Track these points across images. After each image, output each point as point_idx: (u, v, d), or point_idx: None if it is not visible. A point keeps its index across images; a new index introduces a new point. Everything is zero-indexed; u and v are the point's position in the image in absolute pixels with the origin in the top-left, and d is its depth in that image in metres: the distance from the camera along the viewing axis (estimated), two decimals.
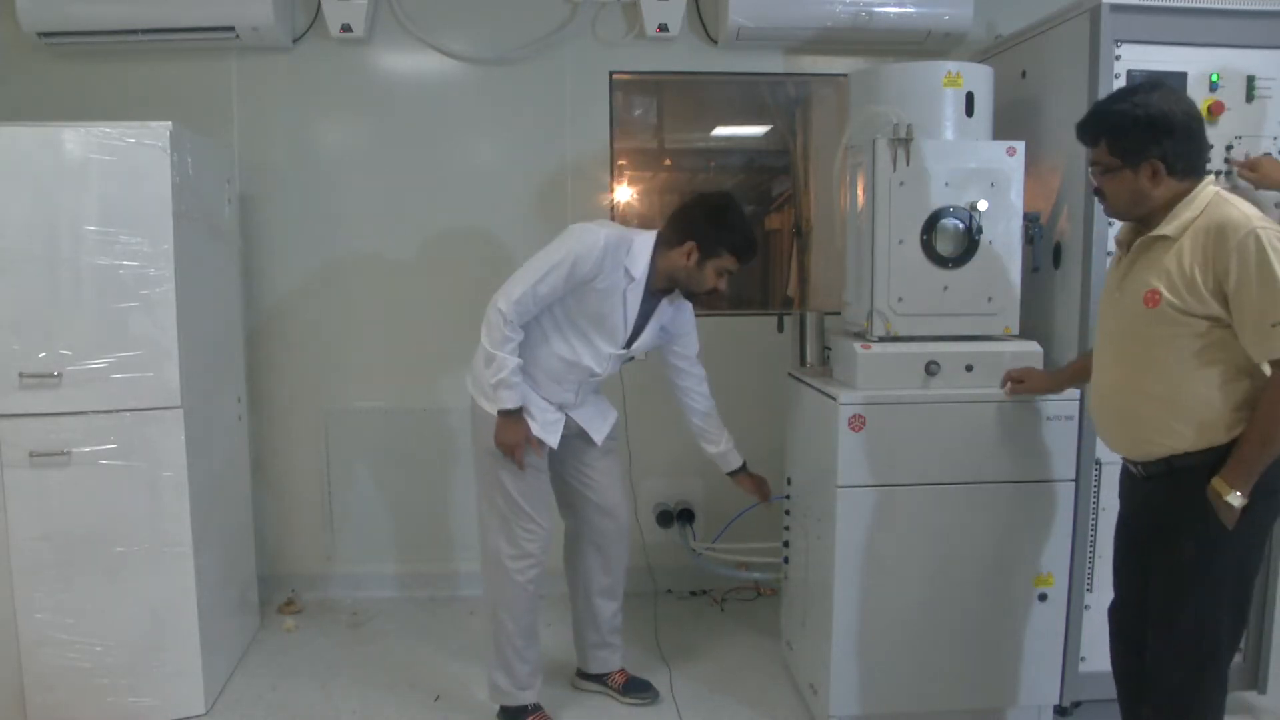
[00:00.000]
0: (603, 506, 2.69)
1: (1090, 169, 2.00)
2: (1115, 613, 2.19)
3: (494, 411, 2.45)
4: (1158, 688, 1.97)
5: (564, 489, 2.72)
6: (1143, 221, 1.94)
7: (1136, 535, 2.05)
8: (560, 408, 2.58)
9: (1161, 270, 1.85)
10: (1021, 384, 2.41)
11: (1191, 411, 1.84)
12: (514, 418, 2.44)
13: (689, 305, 2.66)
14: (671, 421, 2.83)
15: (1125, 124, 1.87)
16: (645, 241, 2.49)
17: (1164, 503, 1.94)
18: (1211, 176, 1.92)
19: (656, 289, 2.54)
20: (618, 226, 2.51)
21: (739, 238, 2.47)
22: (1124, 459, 2.06)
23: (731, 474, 2.82)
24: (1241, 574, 1.89)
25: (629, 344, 2.55)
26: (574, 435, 2.63)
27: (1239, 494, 1.78)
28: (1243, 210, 1.80)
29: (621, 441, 2.85)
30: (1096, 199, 2.02)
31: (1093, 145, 1.95)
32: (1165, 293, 1.84)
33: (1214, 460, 1.83)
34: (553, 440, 2.55)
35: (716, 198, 2.57)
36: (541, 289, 2.39)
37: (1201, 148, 1.90)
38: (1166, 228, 1.86)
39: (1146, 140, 1.85)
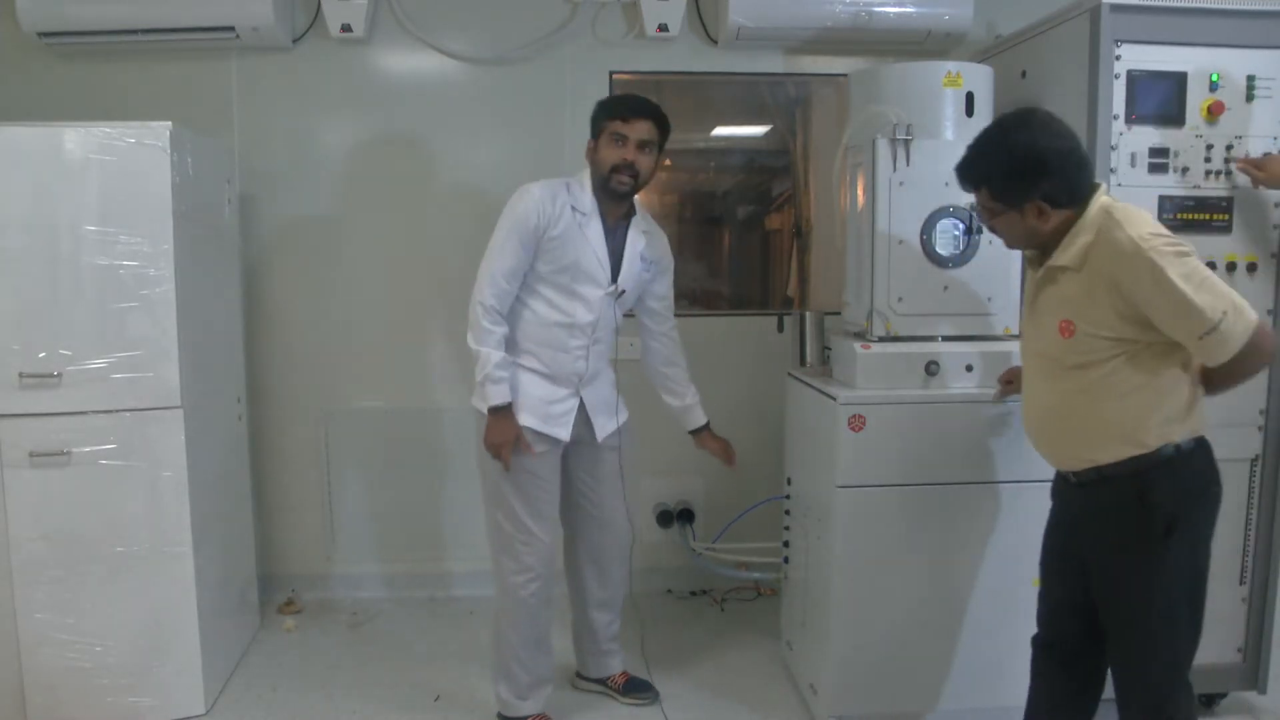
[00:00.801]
0: (601, 520, 2.67)
1: (976, 211, 2.02)
2: (1045, 638, 2.15)
3: (485, 410, 2.43)
4: (1136, 686, 1.94)
5: (564, 505, 2.67)
6: (1042, 249, 1.93)
7: (1076, 544, 2.01)
8: (577, 387, 2.53)
9: (1069, 300, 1.86)
10: (1010, 385, 2.40)
11: (1118, 427, 1.85)
12: (503, 415, 2.41)
13: (664, 239, 2.67)
14: (672, 421, 2.81)
15: (1000, 172, 1.86)
16: (583, 178, 2.52)
17: (1101, 509, 1.92)
18: (1102, 186, 1.87)
19: (614, 220, 2.53)
20: (556, 178, 2.52)
21: (610, 102, 2.56)
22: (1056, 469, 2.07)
23: (694, 433, 2.79)
24: (1195, 571, 1.89)
25: (614, 279, 2.52)
26: (585, 444, 2.60)
27: None
28: (1129, 233, 1.75)
29: (629, 448, 2.77)
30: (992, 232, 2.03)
31: (974, 191, 1.95)
32: (1078, 322, 1.84)
33: (1142, 466, 1.83)
34: (563, 433, 2.51)
35: None
36: (507, 262, 2.41)
37: (1084, 173, 1.86)
38: (1063, 257, 1.85)
39: (1025, 184, 1.83)
